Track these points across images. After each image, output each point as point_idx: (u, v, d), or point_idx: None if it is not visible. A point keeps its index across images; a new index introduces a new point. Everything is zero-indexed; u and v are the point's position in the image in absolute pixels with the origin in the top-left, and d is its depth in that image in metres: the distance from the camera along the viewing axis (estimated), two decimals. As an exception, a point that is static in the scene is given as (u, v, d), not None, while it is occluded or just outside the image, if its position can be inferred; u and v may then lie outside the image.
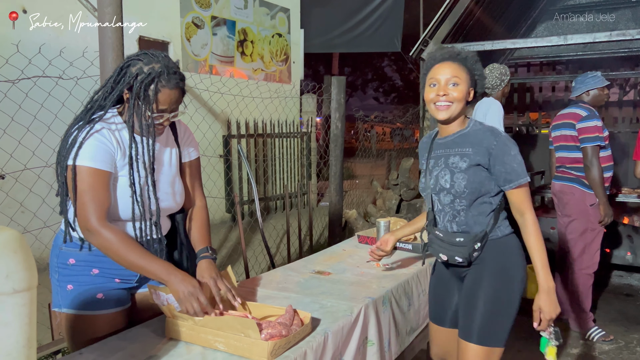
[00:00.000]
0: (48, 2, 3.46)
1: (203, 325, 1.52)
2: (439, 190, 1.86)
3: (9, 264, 0.91)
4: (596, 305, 3.99)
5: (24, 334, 0.94)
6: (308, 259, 2.65)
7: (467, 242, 1.81)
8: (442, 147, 1.90)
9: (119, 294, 1.74)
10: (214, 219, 4.86)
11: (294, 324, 1.57)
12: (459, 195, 1.81)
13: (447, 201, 1.87)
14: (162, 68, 1.61)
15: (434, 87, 1.80)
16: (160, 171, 1.76)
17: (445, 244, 1.85)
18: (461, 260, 1.82)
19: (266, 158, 5.98)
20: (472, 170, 1.78)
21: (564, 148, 3.51)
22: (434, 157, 1.92)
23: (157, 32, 4.83)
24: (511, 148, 1.76)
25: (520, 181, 1.76)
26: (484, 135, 1.79)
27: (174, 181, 1.82)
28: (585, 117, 3.34)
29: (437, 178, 1.87)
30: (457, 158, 1.82)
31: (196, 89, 4.76)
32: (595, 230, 3.41)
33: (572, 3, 6.82)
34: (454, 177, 1.80)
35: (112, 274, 1.71)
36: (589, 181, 3.32)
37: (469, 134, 1.83)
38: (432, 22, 4.56)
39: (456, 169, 1.81)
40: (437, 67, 1.81)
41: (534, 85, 7.52)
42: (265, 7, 6.67)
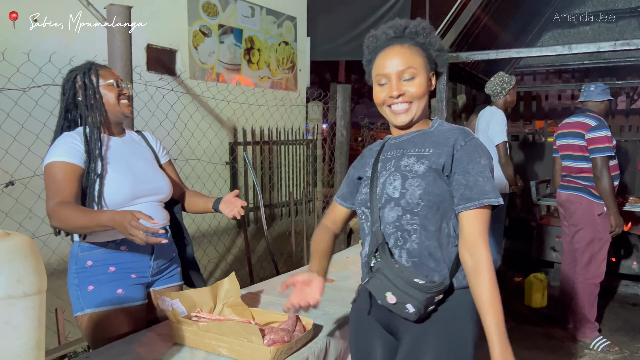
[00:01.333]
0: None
1: (207, 331, 1.54)
2: (385, 201, 1.38)
3: (20, 268, 0.95)
4: (602, 315, 3.97)
5: (33, 336, 0.97)
6: (312, 266, 2.67)
7: (429, 288, 1.27)
8: (394, 148, 1.46)
9: (137, 289, 1.83)
10: (219, 225, 4.89)
11: (296, 330, 1.59)
12: (411, 209, 1.33)
13: (392, 217, 1.36)
14: (88, 64, 1.87)
15: (385, 86, 1.39)
16: (138, 161, 1.89)
17: (398, 279, 1.29)
18: (412, 311, 1.28)
19: (272, 165, 6.02)
20: (431, 176, 1.33)
21: (571, 157, 3.50)
22: (382, 160, 1.46)
23: (164, 40, 4.88)
24: (481, 156, 1.33)
25: (483, 201, 1.29)
26: (451, 134, 1.38)
27: (157, 170, 1.95)
28: (595, 127, 3.32)
29: (384, 185, 1.40)
30: (413, 160, 1.38)
31: (203, 96, 4.80)
32: (602, 240, 3.40)
33: (578, 12, 6.83)
34: (406, 184, 1.34)
35: (128, 270, 1.81)
36: (599, 191, 3.30)
37: (432, 133, 1.42)
38: (437, 31, 4.59)
39: (410, 173, 1.35)
40: (383, 55, 1.40)
41: (540, 93, 7.53)
42: (272, 16, 6.73)
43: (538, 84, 7.58)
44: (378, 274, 1.32)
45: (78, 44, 3.62)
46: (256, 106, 5.27)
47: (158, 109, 3.81)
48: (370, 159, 1.52)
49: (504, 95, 3.78)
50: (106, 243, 1.78)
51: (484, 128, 3.79)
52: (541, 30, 7.12)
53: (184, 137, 4.25)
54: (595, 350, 3.41)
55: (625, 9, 6.50)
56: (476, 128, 3.96)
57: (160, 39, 4.75)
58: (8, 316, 0.93)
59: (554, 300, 4.24)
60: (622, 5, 6.50)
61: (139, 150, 1.95)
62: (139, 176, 1.83)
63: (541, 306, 4.20)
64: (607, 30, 6.71)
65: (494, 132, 3.68)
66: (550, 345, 3.52)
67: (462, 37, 4.82)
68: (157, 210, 1.89)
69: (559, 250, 4.64)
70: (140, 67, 4.15)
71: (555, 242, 4.67)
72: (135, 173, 1.83)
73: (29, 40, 3.35)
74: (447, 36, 4.61)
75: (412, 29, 1.41)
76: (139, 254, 1.84)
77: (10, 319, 0.94)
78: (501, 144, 3.65)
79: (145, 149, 1.99)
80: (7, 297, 0.93)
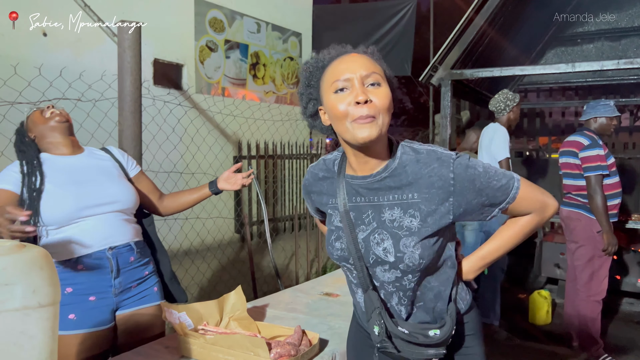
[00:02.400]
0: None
1: (214, 344, 1.55)
2: (375, 262, 1.21)
3: (36, 279, 0.97)
4: (606, 333, 3.95)
5: (47, 346, 0.99)
6: (316, 281, 2.68)
7: (445, 334, 1.18)
8: (364, 193, 1.22)
9: (95, 314, 1.76)
10: (223, 238, 4.91)
11: (302, 344, 1.60)
12: (412, 270, 1.17)
13: (389, 278, 1.21)
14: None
15: (345, 93, 1.11)
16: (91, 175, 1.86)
17: (414, 345, 1.18)
18: (438, 355, 1.21)
19: (276, 179, 6.05)
20: (427, 229, 1.16)
21: (569, 176, 3.54)
22: (352, 208, 1.23)
23: (171, 55, 4.95)
24: (474, 167, 1.16)
25: (513, 193, 1.19)
26: (431, 170, 1.15)
27: (117, 181, 1.90)
28: (587, 146, 3.37)
29: (368, 244, 1.20)
30: (399, 212, 1.17)
31: (210, 111, 4.85)
32: (603, 257, 3.40)
33: (581, 30, 6.89)
34: (400, 245, 1.16)
35: (86, 291, 1.75)
36: (592, 209, 3.33)
37: (403, 168, 1.17)
38: (441, 48, 4.64)
39: (401, 231, 1.16)
40: (339, 61, 1.14)
41: (544, 110, 7.57)
42: (277, 32, 6.81)
43: (542, 101, 7.63)
44: (389, 345, 1.19)
45: (88, 59, 3.68)
46: (261, 120, 5.32)
47: (165, 123, 3.85)
48: (329, 199, 1.30)
49: (507, 112, 3.81)
50: (63, 262, 1.74)
51: (487, 145, 3.81)
52: (545, 48, 7.19)
53: (190, 151, 4.28)
54: None
55: (629, 28, 6.56)
56: (479, 145, 3.99)
57: (167, 53, 4.82)
58: (24, 326, 0.96)
59: (558, 318, 4.22)
60: (625, 24, 6.56)
61: (97, 164, 1.92)
62: (86, 189, 1.80)
63: (545, 323, 4.18)
64: (610, 48, 6.77)
65: (496, 149, 3.70)
66: (555, 362, 3.50)
67: (466, 54, 4.86)
68: (117, 224, 1.83)
69: (563, 267, 4.63)
70: (147, 82, 4.21)
71: (560, 258, 4.67)
72: (81, 187, 1.80)
73: (40, 54, 3.41)
74: (451, 54, 4.66)
75: (369, 50, 1.19)
76: (97, 273, 1.77)
77: (26, 329, 0.96)
78: (504, 161, 3.67)
79: (106, 163, 1.95)
80: (23, 308, 0.95)
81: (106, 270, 1.78)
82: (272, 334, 1.73)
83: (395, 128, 30.69)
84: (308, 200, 1.41)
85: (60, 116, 1.88)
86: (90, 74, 3.23)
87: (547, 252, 4.76)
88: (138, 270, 1.88)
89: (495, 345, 3.78)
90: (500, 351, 3.67)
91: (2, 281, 0.93)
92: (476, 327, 1.33)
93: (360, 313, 1.36)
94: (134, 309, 1.86)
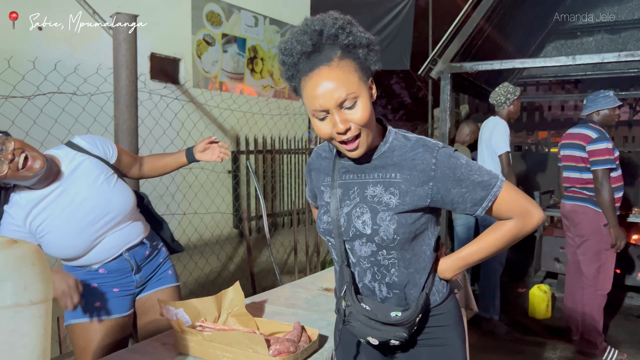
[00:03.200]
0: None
1: (211, 341, 1.53)
2: (354, 235, 1.26)
3: (27, 276, 0.94)
4: (607, 327, 3.94)
5: (39, 345, 0.96)
6: (315, 276, 2.66)
7: (406, 318, 1.21)
8: (352, 171, 1.30)
9: (118, 302, 1.87)
10: (222, 234, 4.88)
11: (301, 341, 1.58)
12: (386, 245, 1.23)
13: (365, 252, 1.27)
14: None
15: (326, 120, 1.16)
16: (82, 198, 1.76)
17: (374, 322, 1.21)
18: (397, 343, 1.25)
19: (274, 174, 6.02)
20: (404, 206, 1.22)
21: (574, 169, 3.48)
22: (341, 185, 1.31)
23: (168, 49, 4.91)
24: (458, 158, 1.22)
25: (494, 191, 1.21)
26: (414, 154, 1.22)
27: (108, 190, 1.82)
28: (596, 139, 3.30)
29: (350, 218, 1.27)
30: (380, 189, 1.24)
31: (207, 105, 4.81)
32: (610, 251, 3.37)
33: (581, 23, 6.86)
34: (377, 219, 1.22)
35: (111, 285, 1.86)
36: (599, 204, 3.29)
37: (392, 152, 1.25)
38: (440, 42, 4.61)
39: (380, 206, 1.23)
40: (312, 85, 1.14)
41: (543, 104, 7.55)
42: (275, 25, 6.76)
43: (541, 95, 7.61)
44: (352, 320, 1.24)
45: (83, 52, 3.63)
46: (259, 115, 5.28)
47: (162, 117, 3.82)
48: (324, 177, 1.36)
49: (507, 105, 3.78)
50: (85, 266, 1.83)
51: (487, 138, 3.79)
52: (544, 41, 7.16)
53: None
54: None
55: (628, 20, 6.53)
56: (479, 138, 3.96)
57: (164, 47, 4.77)
58: (15, 324, 0.93)
59: (558, 312, 4.21)
60: (625, 16, 6.53)
61: (85, 180, 1.79)
62: (86, 221, 1.74)
63: (545, 317, 4.17)
64: (609, 41, 6.74)
65: (496, 143, 3.68)
66: (556, 357, 3.49)
67: (465, 47, 4.83)
68: (127, 229, 1.86)
69: (562, 261, 4.62)
70: (144, 76, 4.17)
71: (559, 253, 4.65)
72: (84, 218, 1.74)
73: (35, 48, 3.36)
74: (450, 47, 4.62)
75: (330, 31, 1.13)
76: (119, 273, 1.88)
77: (17, 327, 0.93)
78: (504, 155, 3.64)
79: (90, 172, 1.81)
80: (14, 305, 0.92)
81: (127, 270, 1.89)
82: (271, 330, 1.70)
83: (394, 122, 30.66)
84: (308, 180, 1.47)
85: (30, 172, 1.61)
86: (86, 67, 3.19)
87: (547, 246, 4.75)
88: (154, 260, 1.99)
89: (495, 339, 3.76)
90: (500, 345, 3.66)
91: (-8, 278, 0.90)
92: (453, 320, 1.34)
93: (336, 308, 1.35)
94: (151, 291, 1.97)
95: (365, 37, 1.17)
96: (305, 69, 1.16)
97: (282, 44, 1.19)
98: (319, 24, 1.14)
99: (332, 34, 1.13)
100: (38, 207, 1.72)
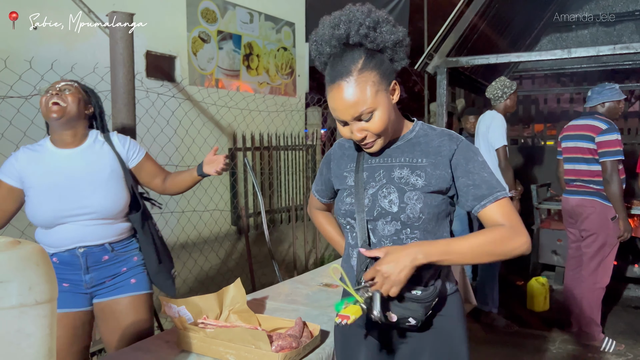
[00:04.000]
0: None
1: (214, 337, 1.54)
2: (378, 214, 1.31)
3: (32, 276, 0.94)
4: (605, 318, 3.97)
5: (45, 344, 0.97)
6: (315, 272, 2.67)
7: (426, 296, 1.22)
8: (377, 156, 1.36)
9: (68, 296, 1.87)
10: (220, 231, 4.88)
11: (303, 336, 1.59)
12: (411, 223, 1.28)
13: (389, 231, 1.31)
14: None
15: (345, 127, 1.28)
16: (76, 178, 1.86)
17: (395, 298, 1.21)
18: (414, 323, 1.23)
19: (271, 171, 6.02)
20: (430, 188, 1.29)
21: (582, 161, 3.42)
22: (366, 168, 1.37)
23: (163, 47, 4.89)
24: (476, 154, 1.31)
25: (497, 195, 1.26)
26: (440, 141, 1.31)
27: (100, 187, 1.88)
28: (606, 130, 3.26)
29: (376, 198, 1.31)
30: (407, 171, 1.31)
31: (204, 103, 4.81)
32: (613, 244, 3.37)
33: (576, 16, 6.87)
34: (404, 197, 1.28)
35: (60, 277, 1.85)
36: (608, 196, 3.26)
37: (417, 139, 1.34)
38: (436, 36, 4.61)
39: (407, 186, 1.29)
40: (332, 96, 1.24)
41: (539, 97, 7.56)
42: (270, 22, 6.74)
43: (536, 88, 7.62)
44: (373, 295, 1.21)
45: (79, 51, 3.62)
46: (256, 112, 5.28)
47: (159, 115, 3.81)
48: (348, 164, 1.42)
49: (504, 99, 3.79)
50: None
51: (484, 132, 3.80)
52: (539, 34, 7.17)
53: (185, 144, 4.25)
54: (608, 352, 3.40)
55: (623, 13, 6.54)
56: (476, 132, 3.98)
57: (159, 45, 4.76)
58: (20, 324, 0.93)
59: (556, 304, 4.24)
60: (620, 8, 6.54)
61: (89, 164, 1.89)
62: (67, 197, 1.82)
63: (543, 310, 4.20)
64: (605, 33, 6.76)
65: (494, 137, 3.68)
66: (555, 349, 3.52)
67: (461, 41, 4.84)
68: (92, 229, 1.86)
69: (560, 254, 4.64)
70: (140, 74, 4.15)
71: (557, 245, 4.68)
72: (62, 194, 1.82)
73: (30, 47, 3.35)
74: (446, 41, 4.63)
75: (355, 39, 1.21)
76: (69, 267, 1.87)
77: (22, 328, 0.93)
78: (501, 149, 3.65)
79: (101, 161, 1.92)
80: (19, 306, 0.93)
81: (77, 267, 1.87)
82: (272, 327, 1.72)
83: (390, 117, 30.64)
84: (325, 170, 1.51)
85: (57, 112, 1.81)
86: (82, 66, 3.18)
87: (544, 239, 4.77)
88: (113, 267, 1.93)
89: (494, 332, 3.79)
90: (498, 338, 3.68)
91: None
92: (458, 312, 1.37)
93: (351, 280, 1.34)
94: (108, 298, 1.92)
95: (392, 37, 1.22)
96: (328, 78, 1.25)
97: (312, 44, 1.27)
98: (344, 29, 1.20)
99: (357, 41, 1.21)
100: (40, 160, 1.86)
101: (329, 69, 1.25)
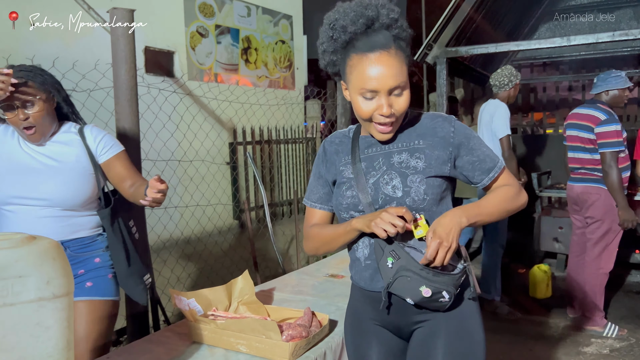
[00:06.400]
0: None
1: (225, 328, 1.56)
2: (384, 202, 1.30)
3: (49, 270, 0.96)
4: (608, 303, 4.00)
5: (63, 337, 0.99)
6: (320, 263, 2.69)
7: (458, 271, 1.26)
8: (374, 144, 1.36)
9: None
10: (224, 225, 4.91)
11: (312, 326, 1.61)
12: (417, 206, 1.28)
13: None
14: None
15: (372, 101, 1.24)
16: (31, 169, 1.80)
17: (424, 272, 1.20)
18: (447, 297, 1.23)
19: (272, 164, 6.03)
20: (431, 169, 1.30)
21: (583, 150, 3.42)
22: (363, 159, 1.36)
23: (162, 42, 4.88)
24: (471, 130, 1.36)
25: (499, 164, 1.35)
26: (434, 123, 1.34)
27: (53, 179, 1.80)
28: (605, 121, 3.25)
29: (378, 186, 1.31)
30: (406, 155, 1.31)
31: (205, 97, 4.81)
32: (617, 231, 3.37)
33: (574, 3, 6.86)
34: (407, 181, 1.28)
35: None
36: (607, 186, 3.26)
37: (411, 124, 1.36)
38: (435, 26, 4.60)
39: (408, 170, 1.29)
40: (369, 65, 1.21)
41: (538, 85, 7.56)
42: (268, 15, 6.73)
43: (535, 76, 7.61)
44: (404, 272, 1.21)
45: (80, 48, 3.62)
46: (257, 105, 5.28)
47: (161, 111, 3.82)
48: (342, 158, 1.40)
49: (509, 87, 3.77)
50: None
51: (487, 121, 3.79)
52: (537, 22, 7.15)
53: (187, 139, 4.26)
54: (610, 337, 3.43)
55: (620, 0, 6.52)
56: (479, 121, 3.97)
57: (157, 40, 4.76)
58: (39, 318, 0.95)
59: (558, 291, 4.27)
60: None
61: (53, 157, 1.83)
62: (22, 180, 1.77)
63: (546, 297, 4.23)
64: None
65: (497, 126, 3.67)
66: (558, 335, 3.55)
67: (460, 31, 4.83)
68: (44, 220, 1.78)
69: (561, 241, 4.67)
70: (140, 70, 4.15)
71: (558, 232, 4.70)
72: (20, 177, 1.78)
73: (32, 45, 3.35)
74: (445, 31, 4.63)
75: (384, 20, 1.23)
76: None
77: (41, 321, 0.95)
78: (505, 138, 3.65)
79: (66, 154, 1.85)
80: (38, 299, 0.95)
81: None
82: (281, 317, 1.74)
83: (388, 109, 30.52)
84: (323, 170, 1.44)
85: (34, 136, 1.77)
86: (83, 63, 3.18)
87: (546, 226, 4.79)
88: None
89: (497, 320, 3.82)
90: (502, 326, 3.71)
91: (16, 273, 0.92)
92: (479, 319, 1.35)
93: (359, 272, 1.37)
94: None
95: (409, 31, 1.27)
96: (362, 47, 1.22)
97: (335, 20, 1.25)
98: (374, 12, 1.22)
99: (386, 24, 1.23)
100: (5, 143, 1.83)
101: (361, 41, 1.22)
